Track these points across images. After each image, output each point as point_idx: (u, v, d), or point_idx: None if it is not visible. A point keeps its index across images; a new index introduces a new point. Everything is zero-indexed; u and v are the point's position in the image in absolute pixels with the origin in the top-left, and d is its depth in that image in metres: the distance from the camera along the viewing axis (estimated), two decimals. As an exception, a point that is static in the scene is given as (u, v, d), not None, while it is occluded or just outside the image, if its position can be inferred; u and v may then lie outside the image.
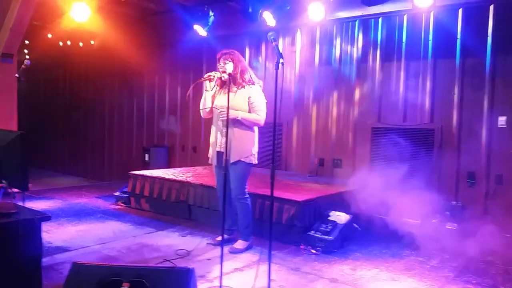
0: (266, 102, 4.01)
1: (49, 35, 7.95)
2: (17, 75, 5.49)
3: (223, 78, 3.90)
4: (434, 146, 5.25)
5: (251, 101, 3.91)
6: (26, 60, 4.65)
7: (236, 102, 3.87)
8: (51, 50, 8.56)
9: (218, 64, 3.98)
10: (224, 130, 3.76)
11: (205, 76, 3.91)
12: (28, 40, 8.04)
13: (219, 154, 3.99)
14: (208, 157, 4.20)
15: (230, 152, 3.84)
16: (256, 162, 4.07)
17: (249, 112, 3.92)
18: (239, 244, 4.10)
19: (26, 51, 8.52)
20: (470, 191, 4.99)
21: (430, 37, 5.31)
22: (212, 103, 4.05)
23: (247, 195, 4.09)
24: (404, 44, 5.52)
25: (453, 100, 5.15)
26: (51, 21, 7.05)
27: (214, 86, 4.00)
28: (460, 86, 5.12)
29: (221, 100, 3.97)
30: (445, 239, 4.22)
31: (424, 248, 4.16)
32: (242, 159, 3.92)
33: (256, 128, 4.05)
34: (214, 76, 3.90)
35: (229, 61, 3.90)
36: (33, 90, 9.89)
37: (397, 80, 5.58)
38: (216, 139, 4.03)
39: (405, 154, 5.27)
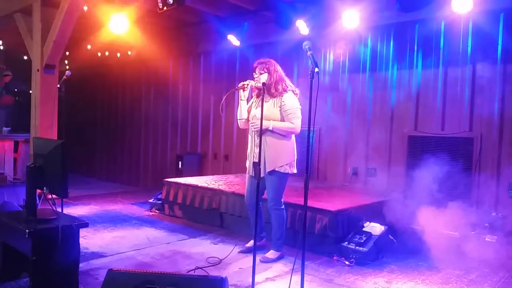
0: (301, 109, 3.96)
1: (89, 47, 8.22)
2: (58, 85, 5.71)
3: (256, 85, 3.96)
4: (473, 155, 5.08)
5: (284, 109, 3.90)
6: (67, 71, 4.84)
7: (269, 111, 3.87)
8: (90, 61, 8.86)
9: (254, 73, 4.02)
10: (258, 140, 3.84)
11: (239, 85, 3.96)
12: (68, 52, 8.34)
13: (254, 164, 3.98)
14: (246, 167, 4.20)
15: (265, 162, 3.86)
16: (295, 171, 4.01)
17: (282, 120, 3.90)
18: (271, 254, 4.08)
19: (66, 62, 8.85)
20: (511, 202, 4.78)
21: (469, 43, 5.16)
22: (248, 113, 4.10)
23: (283, 206, 4.05)
24: (441, 50, 5.38)
25: (493, 108, 4.98)
26: (90, 33, 7.30)
27: (249, 95, 4.04)
28: (501, 93, 4.93)
29: (255, 110, 4.01)
30: (485, 252, 4.05)
31: (463, 261, 4.01)
32: (276, 169, 3.90)
33: (293, 136, 4.01)
34: (247, 85, 3.95)
35: (265, 72, 3.93)
36: (72, 100, 10.23)
37: (435, 87, 5.44)
38: (251, 149, 4.04)
39: (443, 164, 5.12)
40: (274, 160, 3.87)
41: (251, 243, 4.28)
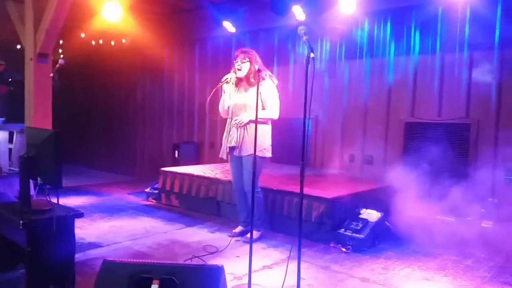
0: (282, 99, 4.19)
1: (82, 35, 8.11)
2: (51, 74, 5.64)
3: (239, 76, 4.14)
4: (470, 141, 5.07)
5: (263, 97, 4.04)
6: (60, 60, 4.77)
7: (250, 100, 4.07)
8: (84, 49, 8.74)
9: (235, 61, 4.16)
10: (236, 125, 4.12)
11: (222, 80, 4.13)
12: (62, 40, 8.23)
13: (232, 148, 4.21)
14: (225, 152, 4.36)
15: (243, 146, 4.08)
16: (270, 155, 4.20)
17: (262, 108, 4.07)
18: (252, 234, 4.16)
19: (60, 50, 8.74)
20: (508, 187, 4.78)
21: (466, 28, 5.11)
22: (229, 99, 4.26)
23: (259, 189, 4.26)
24: (438, 35, 5.33)
25: (490, 94, 4.95)
26: (83, 21, 7.19)
27: (232, 85, 4.22)
28: (498, 79, 4.91)
29: (235, 99, 4.19)
30: (481, 238, 4.07)
31: (459, 247, 4.03)
32: (255, 153, 3.95)
33: (269, 122, 4.19)
34: (231, 78, 4.14)
35: (246, 61, 4.09)
36: (67, 89, 10.14)
37: (432, 73, 5.40)
38: (229, 134, 4.23)
39: (439, 150, 5.11)
40: (252, 144, 3.90)
41: (238, 228, 4.45)
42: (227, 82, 4.15)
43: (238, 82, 4.22)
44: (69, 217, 2.94)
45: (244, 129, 4.09)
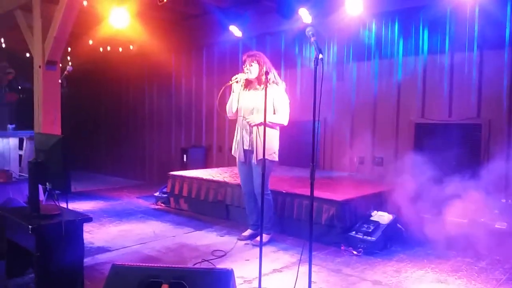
0: (290, 102, 4.18)
1: (90, 42, 8.16)
2: (60, 81, 5.67)
3: (249, 78, 4.15)
4: (481, 142, 4.99)
5: (275, 102, 4.08)
6: (68, 67, 4.79)
7: (259, 102, 4.03)
8: (92, 56, 8.80)
9: (243, 66, 4.17)
10: (250, 128, 4.16)
11: (233, 79, 4.14)
12: (70, 47, 8.29)
13: (245, 152, 4.21)
14: (234, 155, 4.37)
15: (255, 149, 4.07)
16: (277, 159, 4.21)
17: (274, 112, 4.09)
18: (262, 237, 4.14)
19: (68, 57, 8.80)
20: (521, 188, 4.70)
21: (476, 27, 5.06)
22: (238, 101, 4.27)
23: (269, 191, 4.26)
24: (447, 35, 5.28)
25: (502, 93, 4.88)
26: (91, 28, 7.24)
27: (241, 86, 4.22)
28: (509, 78, 4.84)
29: (245, 101, 4.18)
30: (495, 239, 3.98)
31: (472, 249, 3.95)
32: (265, 157, 3.94)
33: (278, 127, 4.20)
34: (240, 79, 4.14)
35: (255, 63, 4.09)
36: (75, 95, 10.21)
37: (441, 73, 5.34)
38: (242, 137, 4.20)
39: (451, 151, 5.05)
40: (264, 148, 3.90)
41: (248, 231, 4.42)
42: (237, 82, 4.15)
43: (248, 83, 4.23)
44: (78, 222, 2.94)
45: (256, 132, 4.06)
